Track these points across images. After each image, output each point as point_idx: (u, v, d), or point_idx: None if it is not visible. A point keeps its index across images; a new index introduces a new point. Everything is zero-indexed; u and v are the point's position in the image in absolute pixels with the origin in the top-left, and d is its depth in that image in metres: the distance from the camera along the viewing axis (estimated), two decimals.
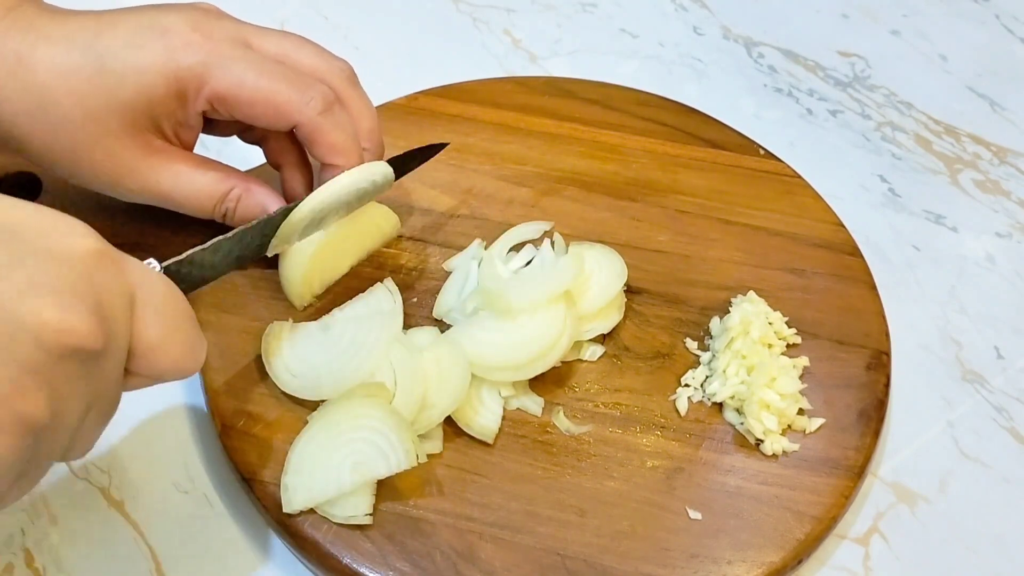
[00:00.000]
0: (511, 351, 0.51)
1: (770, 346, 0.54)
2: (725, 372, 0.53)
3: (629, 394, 0.53)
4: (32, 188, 0.59)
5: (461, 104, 0.66)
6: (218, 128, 0.56)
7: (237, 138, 0.57)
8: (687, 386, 0.54)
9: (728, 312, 0.56)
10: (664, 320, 0.57)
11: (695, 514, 0.49)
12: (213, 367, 0.53)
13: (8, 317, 0.33)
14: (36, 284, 0.33)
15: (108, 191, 0.52)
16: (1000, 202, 0.68)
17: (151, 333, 0.38)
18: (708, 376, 0.54)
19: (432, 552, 0.47)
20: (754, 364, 0.53)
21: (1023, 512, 0.53)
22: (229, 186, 0.53)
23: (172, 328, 0.39)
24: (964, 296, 0.62)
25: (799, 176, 0.64)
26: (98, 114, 0.48)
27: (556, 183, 0.62)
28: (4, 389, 0.32)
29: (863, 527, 0.52)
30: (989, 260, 0.64)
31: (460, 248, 0.58)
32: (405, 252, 0.58)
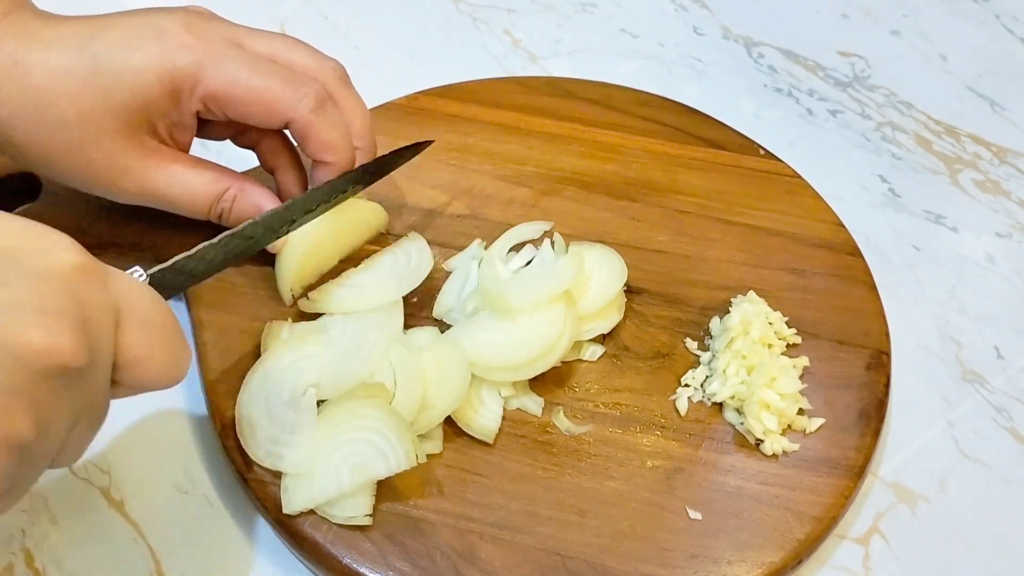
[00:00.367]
0: (511, 351, 0.51)
1: (770, 346, 0.54)
2: (725, 372, 0.53)
3: (629, 394, 0.53)
4: (32, 188, 0.59)
5: (461, 104, 0.66)
6: (212, 131, 0.56)
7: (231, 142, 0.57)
8: (687, 386, 0.54)
9: (728, 312, 0.56)
10: (664, 320, 0.57)
11: (695, 514, 0.49)
12: (213, 367, 0.53)
13: None
14: (20, 304, 0.34)
15: (104, 193, 0.52)
16: (1000, 202, 0.68)
17: (136, 345, 0.38)
18: (708, 376, 0.54)
19: (432, 552, 0.47)
20: (754, 364, 0.53)
21: (1023, 512, 0.53)
22: (224, 186, 0.53)
23: (156, 340, 0.39)
24: (964, 296, 0.62)
25: (799, 176, 0.64)
26: (93, 115, 0.49)
27: (556, 183, 0.62)
28: None
29: (863, 527, 0.52)
30: (989, 260, 0.64)
31: (460, 248, 0.58)
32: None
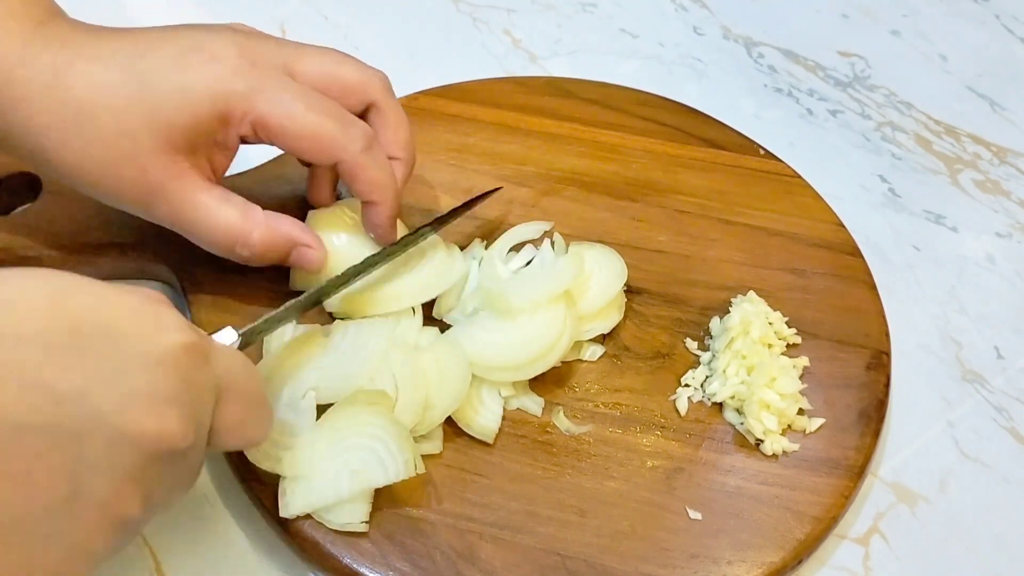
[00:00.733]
0: (511, 351, 0.51)
1: (770, 346, 0.54)
2: (725, 372, 0.53)
3: (629, 394, 0.53)
4: (32, 188, 0.59)
5: (461, 104, 0.66)
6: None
7: None
8: (687, 386, 0.54)
9: (728, 312, 0.56)
10: (664, 320, 0.57)
11: (695, 514, 0.49)
12: None
13: (111, 428, 0.35)
14: (136, 394, 0.35)
15: (130, 209, 0.52)
16: (1000, 202, 0.68)
17: (232, 417, 0.40)
18: (708, 376, 0.54)
19: (432, 552, 0.47)
20: (754, 364, 0.53)
21: (1023, 512, 0.53)
22: (248, 229, 0.52)
23: (250, 410, 0.41)
24: (964, 296, 0.62)
25: (799, 176, 0.64)
26: (134, 132, 0.48)
27: (556, 183, 0.62)
28: (105, 496, 0.35)
29: (863, 527, 0.52)
30: (989, 260, 0.64)
31: (460, 248, 0.58)
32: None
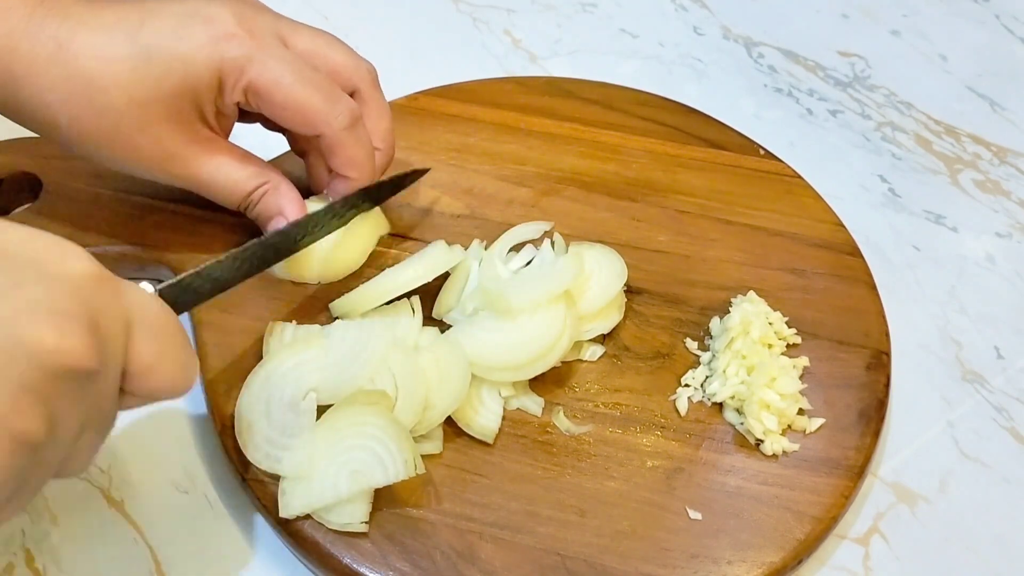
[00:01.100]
0: (511, 351, 0.51)
1: (770, 346, 0.54)
2: (725, 372, 0.53)
3: (629, 394, 0.53)
4: (32, 188, 0.59)
5: (461, 104, 0.66)
6: (243, 117, 0.56)
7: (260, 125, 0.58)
8: (687, 386, 0.54)
9: (728, 312, 0.56)
10: (664, 320, 0.57)
11: (695, 514, 0.49)
12: (213, 367, 0.53)
13: (6, 338, 0.33)
14: (34, 306, 0.34)
15: (145, 174, 0.53)
16: (1000, 202, 0.68)
17: (145, 354, 0.39)
18: (708, 376, 0.54)
19: (432, 552, 0.47)
20: (754, 364, 0.53)
21: (1023, 512, 0.53)
22: (262, 181, 0.54)
23: (166, 349, 0.40)
24: (964, 296, 0.62)
25: (799, 176, 0.64)
26: (145, 102, 0.49)
27: (556, 183, 0.62)
28: (2, 408, 0.33)
29: (863, 527, 0.52)
30: (989, 260, 0.64)
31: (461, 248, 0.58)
32: (405, 252, 0.58)
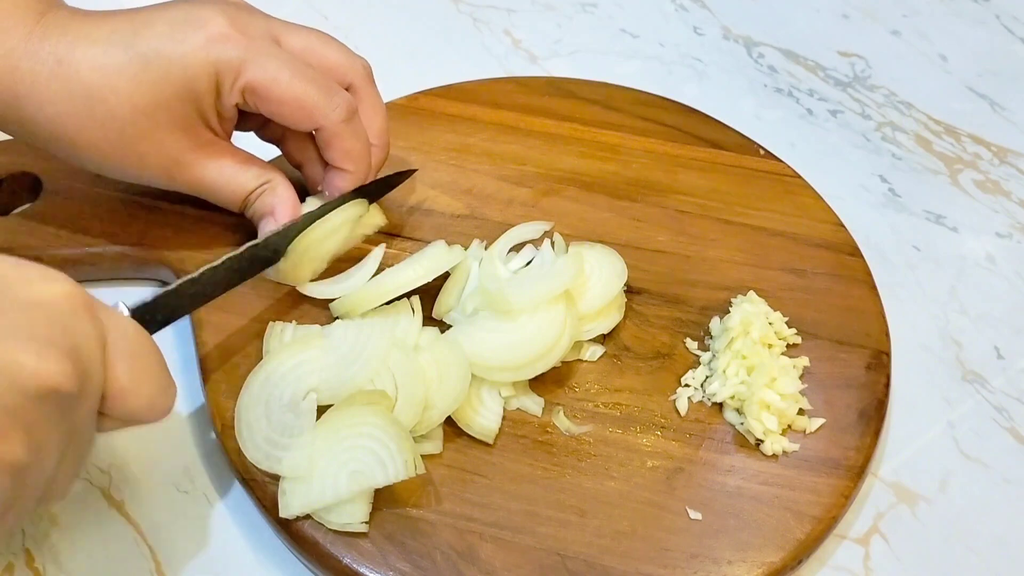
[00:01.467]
0: (511, 351, 0.51)
1: (770, 346, 0.54)
2: (725, 372, 0.53)
3: (629, 394, 0.53)
4: (32, 188, 0.59)
5: (461, 104, 0.66)
6: (238, 123, 0.57)
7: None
8: (687, 386, 0.54)
9: (728, 312, 0.56)
10: (664, 320, 0.56)
11: (695, 514, 0.49)
12: (213, 367, 0.53)
13: None
14: (12, 332, 0.35)
15: (150, 181, 0.53)
16: (1000, 202, 0.68)
17: (122, 376, 0.40)
18: (708, 376, 0.54)
19: (432, 552, 0.47)
20: (754, 364, 0.53)
21: (1023, 512, 0.53)
22: (263, 181, 0.54)
23: (142, 371, 0.40)
24: (964, 296, 0.62)
25: (799, 176, 0.64)
26: (146, 109, 0.50)
27: (556, 183, 0.62)
28: None
29: (863, 527, 0.52)
30: (989, 260, 0.64)
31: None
32: (405, 252, 0.58)
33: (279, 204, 0.55)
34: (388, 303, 0.54)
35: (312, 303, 0.56)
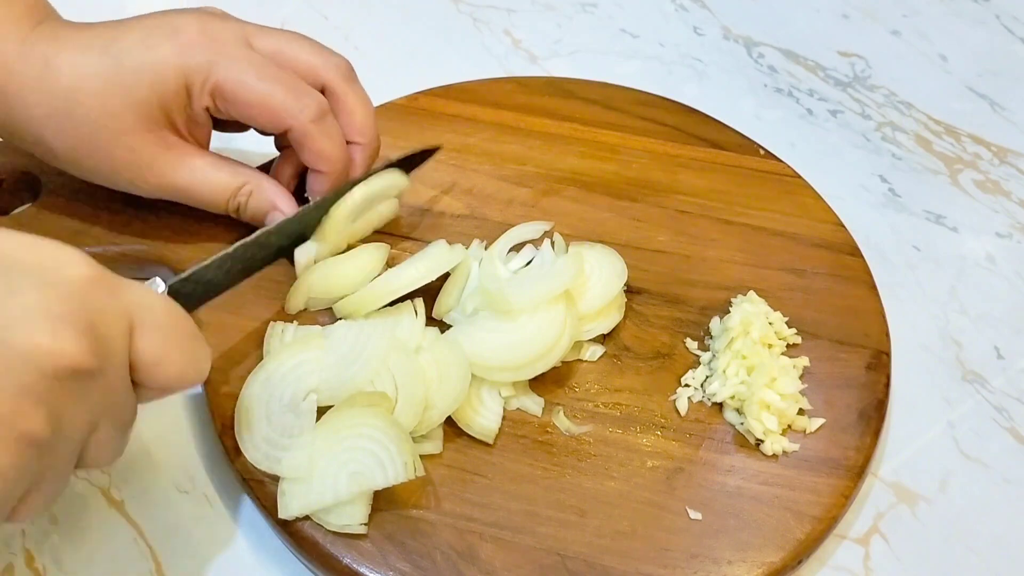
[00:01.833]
0: (511, 351, 0.51)
1: (770, 346, 0.54)
2: (725, 372, 0.53)
3: (629, 394, 0.53)
4: (32, 188, 0.59)
5: (461, 104, 0.66)
6: (229, 126, 0.57)
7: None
8: (687, 386, 0.54)
9: (728, 312, 0.56)
10: (664, 320, 0.56)
11: (695, 514, 0.49)
12: (213, 367, 0.52)
13: (4, 344, 0.35)
14: (30, 311, 0.36)
15: (127, 187, 0.54)
16: (1000, 202, 0.68)
17: (151, 348, 0.40)
18: (708, 376, 0.54)
19: (432, 552, 0.47)
20: (754, 364, 0.53)
21: (1023, 512, 0.53)
22: (241, 181, 0.55)
23: (172, 342, 0.41)
24: (964, 296, 0.62)
25: (799, 176, 0.64)
26: (118, 112, 0.51)
27: (556, 183, 0.62)
28: (3, 410, 0.35)
29: (863, 527, 0.52)
30: (989, 260, 0.64)
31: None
32: (405, 252, 0.58)
33: (277, 197, 0.55)
34: (391, 304, 0.54)
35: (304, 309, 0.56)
